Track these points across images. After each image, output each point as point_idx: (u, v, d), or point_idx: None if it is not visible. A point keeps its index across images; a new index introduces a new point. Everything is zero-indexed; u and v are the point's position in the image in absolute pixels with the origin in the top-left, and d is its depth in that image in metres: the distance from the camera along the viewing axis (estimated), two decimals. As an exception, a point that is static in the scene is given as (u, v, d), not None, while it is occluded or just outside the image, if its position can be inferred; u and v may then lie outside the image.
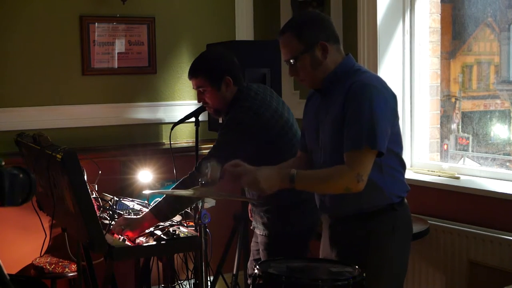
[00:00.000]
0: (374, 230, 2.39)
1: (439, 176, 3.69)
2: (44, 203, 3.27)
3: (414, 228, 3.31)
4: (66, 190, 2.60)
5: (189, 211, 2.96)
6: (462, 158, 3.84)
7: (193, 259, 3.43)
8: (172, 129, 3.17)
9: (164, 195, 2.81)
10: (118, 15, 4.29)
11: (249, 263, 3.15)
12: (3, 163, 1.51)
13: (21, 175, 1.53)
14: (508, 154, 3.59)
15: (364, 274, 2.20)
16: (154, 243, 2.71)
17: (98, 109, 4.27)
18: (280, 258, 2.40)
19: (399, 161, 2.43)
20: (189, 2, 4.53)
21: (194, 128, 3.24)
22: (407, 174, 3.77)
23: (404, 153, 3.86)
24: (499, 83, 3.72)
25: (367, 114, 2.23)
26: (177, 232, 2.76)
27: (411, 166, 3.93)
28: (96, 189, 3.37)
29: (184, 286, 3.87)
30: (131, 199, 3.40)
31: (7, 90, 4.04)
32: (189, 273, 3.60)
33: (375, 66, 3.84)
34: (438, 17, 3.92)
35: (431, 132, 3.95)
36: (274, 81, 3.78)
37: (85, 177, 2.88)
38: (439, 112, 3.94)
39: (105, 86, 4.30)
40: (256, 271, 2.23)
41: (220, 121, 3.11)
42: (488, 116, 3.73)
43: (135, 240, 2.74)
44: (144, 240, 2.74)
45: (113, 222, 2.87)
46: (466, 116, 3.85)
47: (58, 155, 2.50)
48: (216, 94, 2.88)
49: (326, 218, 2.54)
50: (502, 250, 3.21)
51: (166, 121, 4.44)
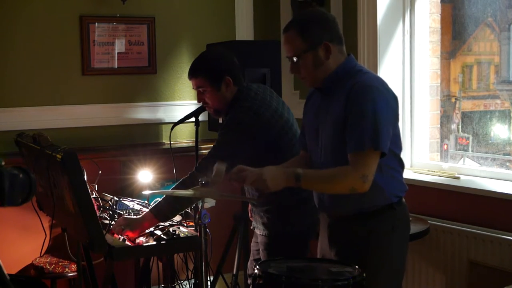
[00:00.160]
0: (374, 229, 2.39)
1: (439, 176, 3.69)
2: (44, 203, 3.27)
3: (414, 228, 3.34)
4: (66, 190, 2.60)
5: (189, 211, 2.95)
6: (462, 158, 3.84)
7: (193, 259, 3.43)
8: (172, 129, 3.17)
9: (164, 195, 2.81)
10: (118, 15, 4.29)
11: (249, 263, 3.15)
12: (3, 163, 1.52)
13: (21, 175, 1.53)
14: (508, 154, 3.59)
15: (364, 274, 2.20)
16: (154, 243, 2.71)
17: (98, 109, 4.27)
18: (280, 258, 2.40)
19: (398, 162, 2.44)
20: (189, 2, 4.53)
21: (194, 128, 3.24)
22: (408, 174, 3.79)
23: (404, 153, 3.88)
24: (499, 83, 3.72)
25: (370, 115, 2.23)
26: (177, 232, 2.76)
27: (411, 166, 3.93)
28: (96, 189, 3.38)
29: (184, 286, 3.86)
30: (131, 199, 3.40)
31: (7, 90, 4.03)
32: (189, 273, 3.60)
33: (375, 66, 3.84)
34: (438, 17, 3.92)
35: (431, 132, 3.95)
36: (274, 81, 3.77)
37: (85, 177, 2.88)
38: (439, 112, 3.94)
39: (105, 86, 4.30)
40: (256, 271, 2.23)
41: (220, 121, 3.11)
42: (488, 116, 3.73)
43: (135, 240, 2.74)
44: (144, 240, 2.74)
45: (113, 222, 2.87)
46: (466, 116, 3.85)
47: (58, 155, 2.50)
48: (216, 94, 2.88)
49: (325, 217, 2.54)
50: (502, 250, 3.21)
51: (166, 121, 4.44)
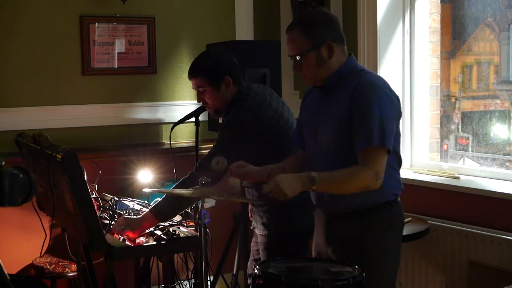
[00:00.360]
0: (372, 226, 2.43)
1: (439, 176, 3.69)
2: (44, 203, 3.27)
3: (414, 228, 3.35)
4: (66, 190, 2.60)
5: (189, 211, 2.96)
6: (462, 158, 3.84)
7: (193, 259, 3.43)
8: (172, 129, 3.17)
9: (164, 195, 2.81)
10: (118, 15, 4.29)
11: (249, 263, 3.15)
12: (3, 163, 1.51)
13: (21, 175, 1.53)
14: (508, 154, 3.59)
15: (364, 274, 2.20)
16: (154, 243, 2.71)
17: (98, 109, 4.27)
18: (280, 258, 2.41)
19: (397, 160, 2.47)
20: (189, 2, 4.53)
21: (194, 128, 3.24)
22: (408, 174, 3.79)
23: (404, 153, 3.89)
24: (499, 83, 3.72)
25: (377, 114, 2.28)
26: (177, 232, 2.76)
27: (411, 166, 3.93)
28: (96, 189, 3.38)
29: (184, 286, 3.86)
30: (131, 199, 3.40)
31: (7, 90, 4.03)
32: (189, 273, 3.60)
33: (375, 66, 3.84)
34: (438, 17, 3.92)
35: (431, 132, 3.95)
36: (274, 81, 3.78)
37: (85, 177, 2.88)
38: (439, 112, 3.94)
39: (105, 86, 4.30)
40: (256, 271, 2.23)
41: (220, 121, 3.11)
42: (488, 116, 3.73)
43: (135, 240, 2.74)
44: (144, 240, 2.74)
45: (113, 222, 2.87)
46: (466, 116, 3.85)
47: (58, 155, 2.50)
48: (216, 94, 2.88)
49: (321, 214, 2.56)
50: (502, 250, 3.22)
51: (166, 121, 4.44)
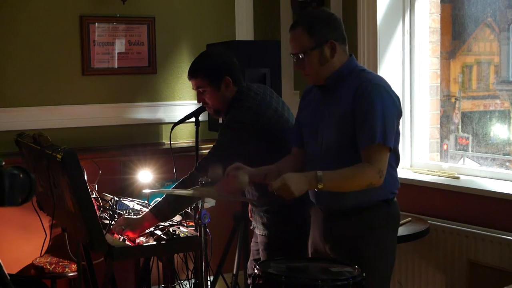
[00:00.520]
0: (371, 224, 2.45)
1: (439, 176, 3.68)
2: (44, 203, 3.27)
3: (414, 228, 3.35)
4: (66, 190, 2.60)
5: (189, 211, 2.96)
6: (462, 158, 3.84)
7: (193, 259, 3.43)
8: (172, 129, 3.17)
9: (164, 195, 2.81)
10: (118, 15, 4.29)
11: (249, 263, 3.15)
12: (3, 163, 1.51)
13: (21, 175, 1.53)
14: (508, 154, 3.59)
15: (364, 274, 2.20)
16: (154, 243, 2.71)
17: (98, 109, 4.27)
18: (280, 258, 2.41)
19: (396, 158, 2.50)
20: (189, 2, 4.53)
21: (194, 128, 3.24)
22: (408, 174, 3.79)
23: (404, 153, 3.89)
24: (499, 83, 3.72)
25: (380, 112, 2.32)
26: (177, 232, 2.76)
27: (411, 166, 3.93)
28: (96, 189, 3.38)
29: (184, 286, 3.86)
30: (131, 199, 3.40)
31: (7, 90, 4.03)
32: (189, 273, 3.59)
33: (375, 66, 3.84)
34: (438, 17, 3.92)
35: (431, 132, 3.95)
36: (274, 81, 3.78)
37: (85, 177, 2.88)
38: (439, 112, 3.94)
39: (105, 86, 4.30)
40: (256, 271, 2.23)
41: (220, 121, 3.11)
42: (488, 116, 3.73)
43: (135, 240, 2.74)
44: (144, 240, 2.74)
45: (113, 222, 2.87)
46: (466, 116, 3.85)
47: (58, 155, 2.50)
48: (216, 94, 2.88)
49: (318, 211, 2.57)
50: (502, 250, 3.21)
51: (166, 121, 4.44)
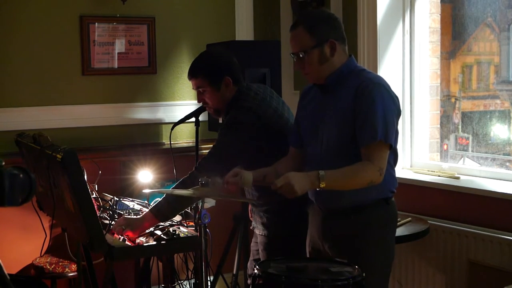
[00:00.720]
0: (370, 223, 2.46)
1: (439, 176, 3.68)
2: (44, 203, 3.27)
3: (414, 228, 3.35)
4: (66, 190, 2.60)
5: (189, 211, 2.96)
6: (462, 158, 3.84)
7: (193, 259, 3.43)
8: (172, 129, 3.17)
9: (164, 195, 2.81)
10: (118, 15, 4.29)
11: (249, 263, 3.15)
12: (3, 163, 1.51)
13: (21, 175, 1.53)
14: (508, 154, 3.59)
15: (364, 274, 2.20)
16: (154, 243, 2.71)
17: (98, 109, 4.27)
18: (280, 258, 2.41)
19: (394, 157, 2.51)
20: (189, 2, 4.53)
21: (194, 128, 3.24)
22: (408, 174, 3.79)
23: (404, 153, 3.89)
24: (499, 83, 3.72)
25: (380, 110, 2.35)
26: (177, 232, 2.76)
27: (411, 166, 3.93)
28: (96, 189, 3.37)
29: (184, 286, 3.86)
30: (131, 199, 3.40)
31: (7, 90, 4.03)
32: (189, 273, 3.59)
33: (375, 66, 3.84)
34: (438, 17, 3.92)
35: (431, 132, 3.95)
36: (274, 81, 3.77)
37: (85, 177, 2.88)
38: (439, 112, 3.94)
39: (105, 86, 4.30)
40: (256, 271, 2.23)
41: (220, 121, 3.11)
42: (488, 116, 3.73)
43: (135, 240, 2.74)
44: (144, 240, 2.74)
45: (113, 222, 2.87)
46: (466, 116, 3.84)
47: (58, 155, 2.50)
48: (216, 94, 2.88)
49: (317, 210, 2.57)
50: (502, 250, 3.21)
51: (166, 121, 4.44)
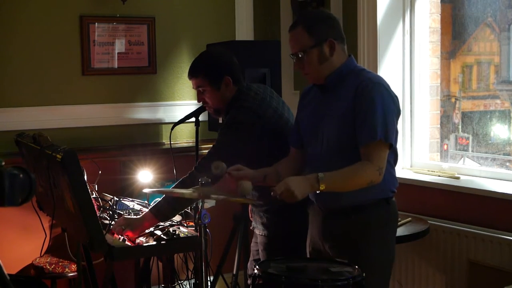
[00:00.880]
0: (371, 223, 2.46)
1: (439, 176, 3.68)
2: (44, 203, 3.27)
3: (414, 228, 3.35)
4: (66, 190, 2.60)
5: (189, 211, 2.95)
6: (462, 158, 3.84)
7: (193, 259, 3.43)
8: (172, 129, 3.17)
9: (164, 195, 2.81)
10: (118, 15, 4.29)
11: (249, 263, 3.15)
12: (3, 163, 1.51)
13: (21, 175, 1.53)
14: (508, 154, 3.59)
15: (364, 274, 2.20)
16: (154, 243, 2.71)
17: (98, 109, 4.27)
18: (280, 258, 2.41)
19: (394, 156, 2.51)
20: (189, 2, 4.53)
21: (194, 128, 3.23)
22: (408, 174, 3.79)
23: (404, 153, 3.89)
24: (499, 83, 3.72)
25: (380, 110, 2.35)
26: (177, 232, 2.76)
27: (411, 166, 3.93)
28: (96, 189, 3.37)
29: (184, 286, 3.86)
30: (131, 199, 3.40)
31: (7, 90, 4.03)
32: (189, 273, 3.59)
33: (375, 66, 3.84)
34: (438, 17, 3.92)
35: (431, 132, 3.95)
36: (274, 81, 3.78)
37: (85, 177, 2.88)
38: (439, 112, 3.94)
39: (105, 86, 4.30)
40: (256, 271, 2.23)
41: (220, 121, 3.11)
42: (488, 116, 3.73)
43: (135, 240, 2.74)
44: (144, 240, 2.74)
45: (113, 222, 2.87)
46: (466, 116, 3.84)
47: (58, 155, 2.50)
48: (216, 94, 2.88)
49: (317, 210, 2.57)
50: (502, 250, 3.21)
51: (166, 121, 4.44)
